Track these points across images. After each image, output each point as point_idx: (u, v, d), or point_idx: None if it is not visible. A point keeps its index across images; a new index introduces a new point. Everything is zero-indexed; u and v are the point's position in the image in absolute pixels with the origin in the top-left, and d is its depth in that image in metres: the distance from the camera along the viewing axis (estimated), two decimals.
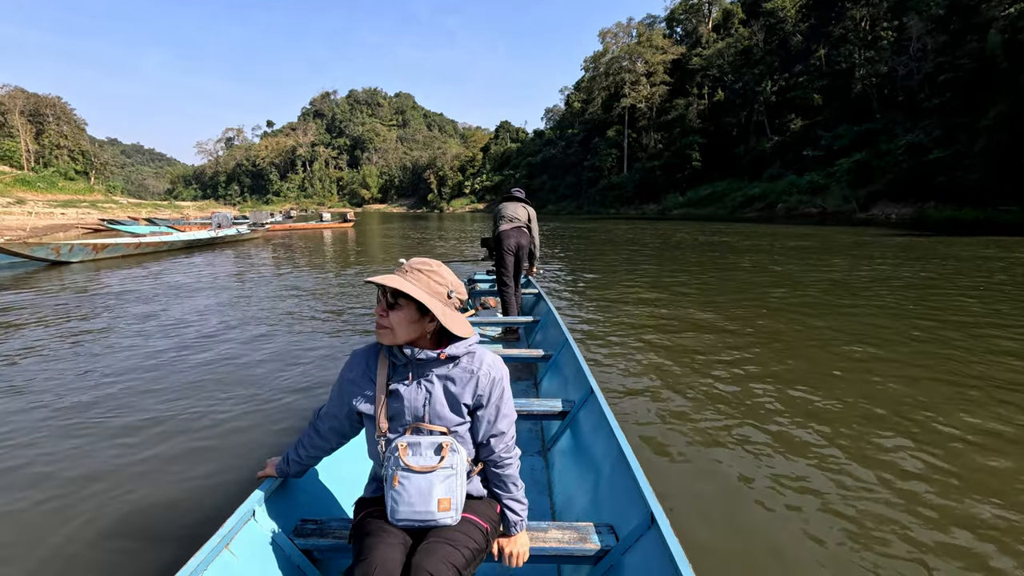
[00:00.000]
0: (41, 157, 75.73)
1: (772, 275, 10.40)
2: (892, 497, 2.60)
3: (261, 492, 1.61)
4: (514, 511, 1.53)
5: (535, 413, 2.60)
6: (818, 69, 45.61)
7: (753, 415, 3.61)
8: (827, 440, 3.23)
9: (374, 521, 1.40)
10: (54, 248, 12.74)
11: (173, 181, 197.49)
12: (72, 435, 3.36)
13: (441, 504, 1.34)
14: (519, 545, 1.54)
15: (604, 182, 64.59)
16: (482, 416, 1.46)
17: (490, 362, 1.48)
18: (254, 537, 1.52)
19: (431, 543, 1.30)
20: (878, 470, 2.86)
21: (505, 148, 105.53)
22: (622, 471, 1.82)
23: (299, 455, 1.67)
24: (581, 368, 2.83)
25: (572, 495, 2.19)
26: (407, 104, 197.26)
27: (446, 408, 1.42)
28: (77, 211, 38.15)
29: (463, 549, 1.32)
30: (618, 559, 1.57)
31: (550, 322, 4.34)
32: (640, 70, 64.46)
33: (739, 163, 49.40)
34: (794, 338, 5.66)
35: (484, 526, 1.43)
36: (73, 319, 6.75)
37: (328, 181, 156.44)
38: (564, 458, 2.51)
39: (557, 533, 1.63)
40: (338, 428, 1.59)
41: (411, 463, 1.36)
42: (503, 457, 1.49)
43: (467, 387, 1.43)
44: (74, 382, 4.36)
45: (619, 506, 1.74)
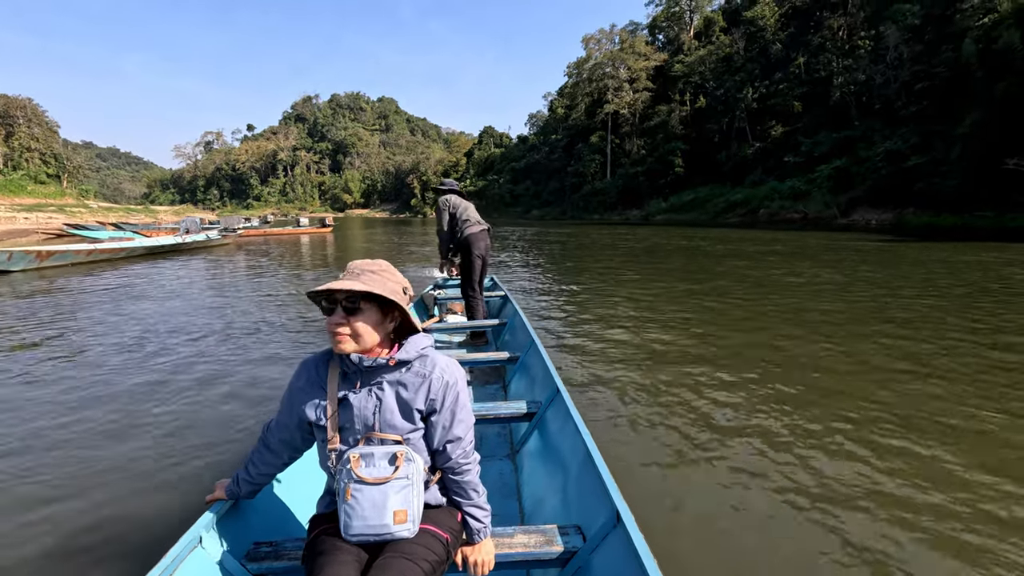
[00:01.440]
0: (10, 160, 73.52)
1: (739, 277, 10.73)
2: (862, 489, 2.69)
3: (209, 516, 1.50)
4: (476, 518, 1.46)
5: (502, 416, 2.55)
6: (798, 77, 46.22)
7: (720, 411, 3.73)
8: (793, 435, 3.34)
9: (327, 539, 1.32)
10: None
11: (150, 185, 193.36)
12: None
13: (397, 516, 1.27)
14: (483, 553, 1.47)
15: (588, 188, 64.70)
16: (436, 422, 1.40)
17: (443, 365, 1.42)
18: (201, 565, 1.41)
19: (387, 558, 1.24)
20: (844, 460, 3.00)
21: (489, 153, 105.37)
22: (589, 470, 1.78)
23: (250, 474, 1.56)
24: (548, 369, 2.79)
25: (541, 497, 2.16)
26: (390, 109, 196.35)
27: (397, 415, 1.37)
28: (44, 215, 36.89)
29: (421, 563, 1.25)
30: (586, 559, 1.54)
31: (517, 324, 4.30)
32: (623, 76, 64.84)
33: (721, 169, 49.79)
34: (760, 338, 5.81)
35: (444, 536, 1.37)
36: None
37: (310, 186, 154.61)
38: (532, 460, 2.48)
39: (523, 538, 1.59)
40: (289, 440, 1.51)
41: (364, 475, 1.29)
42: (461, 463, 1.43)
43: (419, 392, 1.38)
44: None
45: (586, 506, 1.70)
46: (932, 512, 2.47)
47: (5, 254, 11.85)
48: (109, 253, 15.13)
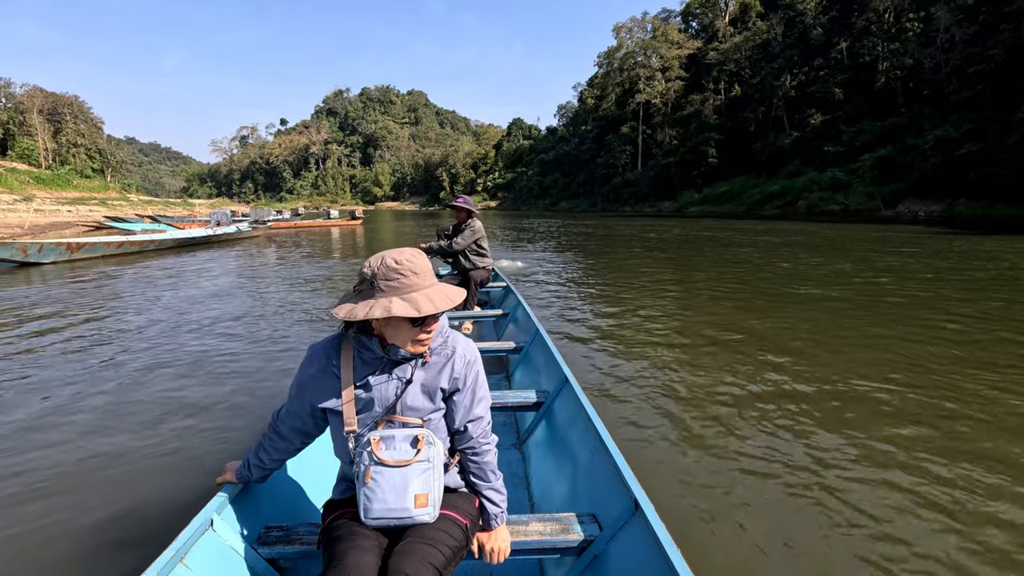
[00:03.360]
0: (58, 155, 76.70)
1: (757, 268, 10.64)
2: (883, 478, 2.65)
3: (220, 499, 1.49)
4: (494, 502, 1.45)
5: (509, 405, 2.51)
6: (839, 63, 44.32)
7: (736, 398, 3.70)
8: (812, 419, 3.33)
9: (345, 524, 1.30)
10: (20, 248, 11.65)
11: (188, 179, 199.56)
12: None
13: (418, 500, 1.25)
14: (499, 540, 1.45)
15: (618, 179, 63.77)
16: (459, 401, 1.39)
17: (464, 344, 1.42)
18: (212, 548, 1.39)
19: (408, 543, 1.22)
20: (862, 446, 2.98)
21: (518, 145, 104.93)
22: (602, 459, 1.75)
23: (260, 459, 1.54)
24: (554, 358, 2.73)
25: (550, 487, 2.14)
26: (420, 102, 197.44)
27: (420, 397, 1.35)
28: (86, 208, 38.24)
29: (443, 548, 1.24)
30: (603, 548, 1.51)
31: (520, 314, 4.23)
32: (655, 65, 63.48)
33: (757, 159, 48.31)
34: (773, 324, 5.85)
35: (463, 522, 1.35)
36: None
37: (341, 179, 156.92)
38: (540, 450, 2.45)
39: (539, 526, 1.56)
40: (301, 428, 1.47)
41: (384, 457, 1.26)
42: (481, 443, 1.42)
43: (443, 372, 1.37)
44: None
45: (601, 495, 1.68)
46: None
47: (36, 246, 11.93)
48: (139, 245, 15.23)
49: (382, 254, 1.27)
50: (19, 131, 72.15)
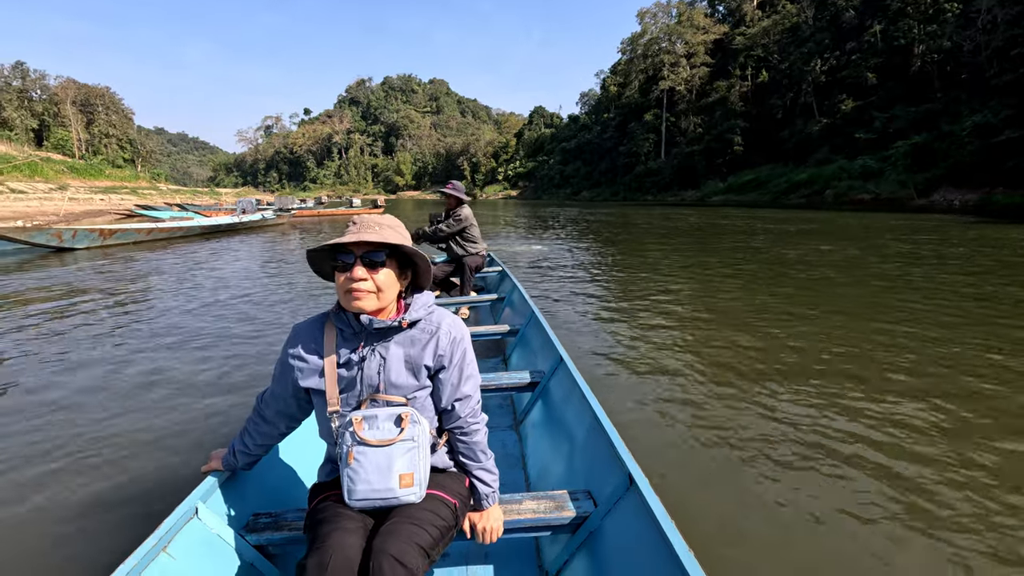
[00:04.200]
0: (91, 145, 78.75)
1: (761, 254, 10.79)
2: (881, 451, 2.73)
3: (204, 487, 1.47)
4: (485, 482, 1.42)
5: (504, 386, 2.52)
6: (873, 46, 42.80)
7: (730, 374, 3.84)
8: (803, 395, 3.45)
9: (330, 506, 1.28)
10: (55, 234, 12.11)
11: (215, 169, 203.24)
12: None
13: (403, 480, 1.22)
14: (492, 520, 1.43)
15: (640, 168, 62.95)
16: (445, 379, 1.36)
17: (450, 321, 1.39)
18: (197, 536, 1.37)
19: (393, 523, 1.20)
20: (857, 419, 3.10)
21: (539, 134, 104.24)
22: (597, 436, 1.75)
23: (246, 445, 1.51)
24: (550, 339, 2.74)
25: (547, 466, 2.14)
26: (441, 91, 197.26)
27: (403, 374, 1.32)
28: (117, 197, 39.29)
29: (429, 528, 1.21)
30: (598, 524, 1.51)
31: (516, 298, 4.28)
32: (680, 51, 62.24)
33: (784, 147, 47.13)
34: (766, 303, 6.14)
35: (452, 502, 1.33)
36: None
37: (363, 168, 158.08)
38: (537, 429, 2.45)
39: (532, 504, 1.56)
40: (285, 410, 1.44)
41: (367, 437, 1.24)
42: (470, 422, 1.39)
43: (427, 349, 1.33)
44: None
45: (596, 471, 1.68)
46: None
47: (70, 232, 12.40)
48: (168, 232, 15.70)
49: None
50: (54, 122, 74.21)
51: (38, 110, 73.12)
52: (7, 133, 61.63)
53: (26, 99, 72.54)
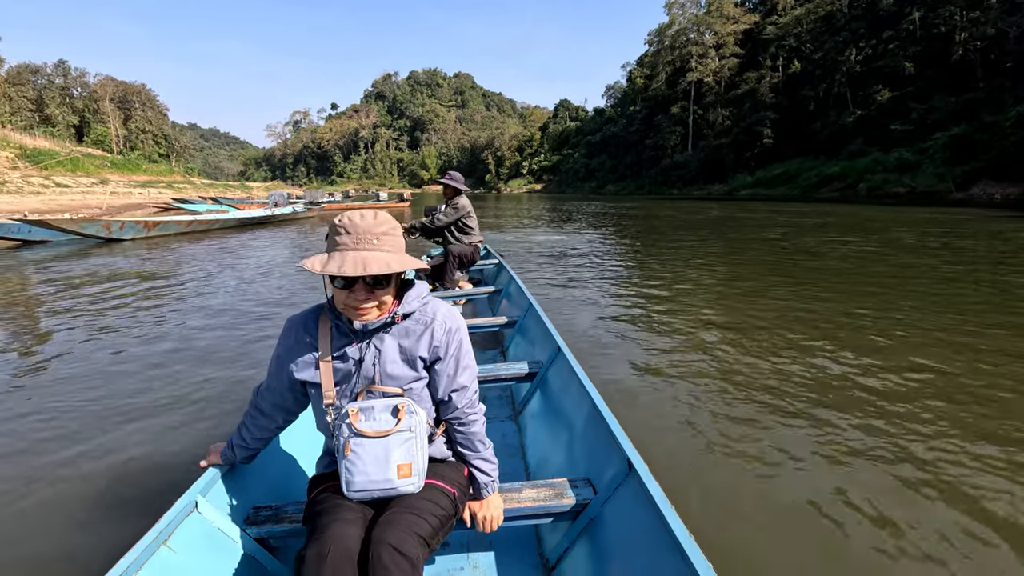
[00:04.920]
0: (128, 141, 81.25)
1: (774, 247, 10.74)
2: (878, 435, 2.78)
3: (204, 481, 1.47)
4: (484, 471, 1.43)
5: (503, 377, 2.53)
6: (911, 34, 41.36)
7: (728, 362, 3.92)
8: (801, 382, 3.50)
9: (329, 497, 1.28)
10: (104, 225, 12.92)
11: (245, 163, 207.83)
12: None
13: (401, 470, 1.22)
14: (492, 508, 1.44)
15: (667, 161, 62.14)
16: (441, 370, 1.35)
17: (445, 312, 1.37)
18: (198, 530, 1.38)
19: (393, 513, 1.19)
20: (855, 402, 3.16)
21: (564, 127, 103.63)
22: (596, 424, 1.76)
23: (243, 439, 1.51)
24: (548, 329, 2.75)
25: (546, 455, 2.14)
26: (466, 84, 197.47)
27: (399, 365, 1.31)
28: (155, 191, 40.61)
29: (429, 517, 1.21)
30: (597, 511, 1.52)
31: (513, 290, 4.30)
32: (708, 42, 61.07)
33: (815, 140, 45.93)
34: (761, 287, 6.38)
35: (451, 491, 1.33)
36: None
37: (389, 162, 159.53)
38: (535, 419, 2.46)
39: (532, 492, 1.56)
40: (281, 403, 1.44)
41: (364, 428, 1.23)
42: (467, 413, 1.39)
43: (422, 340, 1.32)
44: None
45: (595, 459, 1.69)
46: None
47: (118, 223, 13.25)
48: (206, 224, 16.48)
49: (351, 210, 1.25)
50: (93, 119, 76.71)
51: (79, 107, 75.73)
52: (50, 129, 64.02)
53: (67, 96, 75.17)
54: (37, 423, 3.10)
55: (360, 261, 1.16)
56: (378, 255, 1.19)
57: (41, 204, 25.88)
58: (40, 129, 61.62)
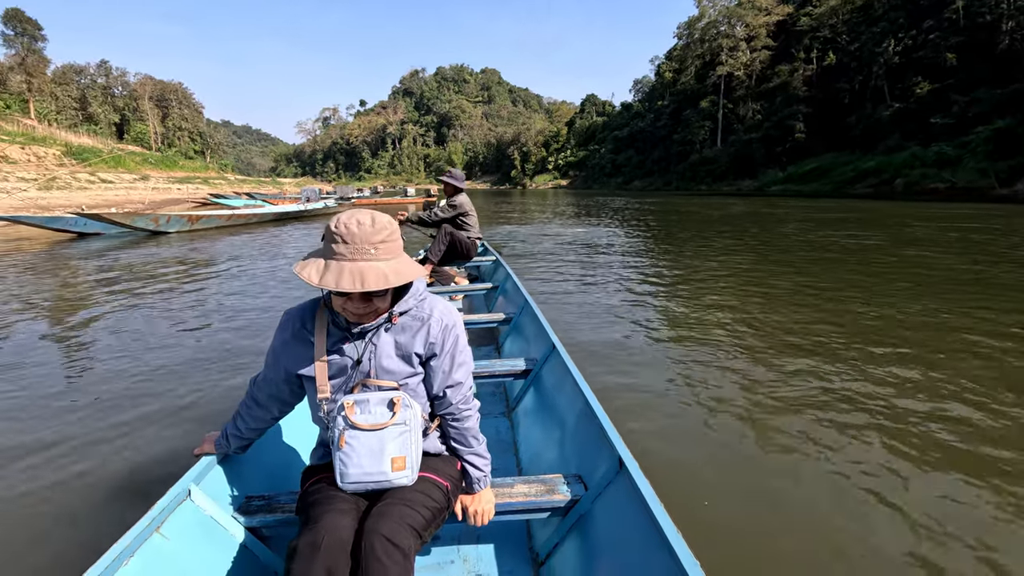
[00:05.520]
0: (166, 138, 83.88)
1: (785, 241, 10.57)
2: (873, 430, 2.82)
3: (197, 470, 1.48)
4: (476, 467, 1.44)
5: (497, 373, 2.54)
6: (954, 24, 39.87)
7: (724, 358, 3.97)
8: (794, 376, 3.56)
9: (323, 488, 1.28)
10: (153, 219, 13.77)
11: (276, 159, 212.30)
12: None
13: (395, 463, 1.23)
14: (483, 502, 1.45)
15: (695, 156, 61.32)
16: (436, 367, 1.36)
17: (442, 309, 1.38)
18: (190, 518, 1.39)
19: (386, 504, 1.20)
20: (847, 395, 3.23)
21: (591, 122, 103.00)
22: (588, 421, 1.77)
23: (238, 428, 1.52)
24: (543, 327, 2.76)
25: (539, 451, 2.15)
26: (493, 80, 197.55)
27: (394, 360, 1.32)
28: (192, 186, 41.98)
29: (421, 509, 1.21)
30: (588, 507, 1.53)
31: (509, 286, 4.30)
32: (739, 34, 59.96)
33: (850, 134, 44.72)
34: (769, 291, 6.29)
35: (444, 484, 1.34)
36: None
37: (415, 158, 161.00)
38: (529, 416, 2.47)
39: (524, 487, 1.57)
40: (277, 395, 1.45)
41: (359, 421, 1.24)
42: (461, 409, 1.40)
43: (418, 336, 1.33)
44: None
45: (587, 456, 1.70)
46: None
47: (165, 217, 14.09)
48: (244, 218, 17.37)
49: (347, 212, 1.23)
50: (133, 116, 79.40)
51: (119, 105, 78.48)
52: (93, 127, 66.57)
53: (109, 95, 77.96)
54: (66, 400, 3.31)
55: (358, 274, 1.15)
56: (376, 266, 1.17)
57: (88, 199, 27.11)
58: (84, 127, 64.16)
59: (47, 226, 13.30)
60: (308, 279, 1.16)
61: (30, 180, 29.69)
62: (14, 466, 2.58)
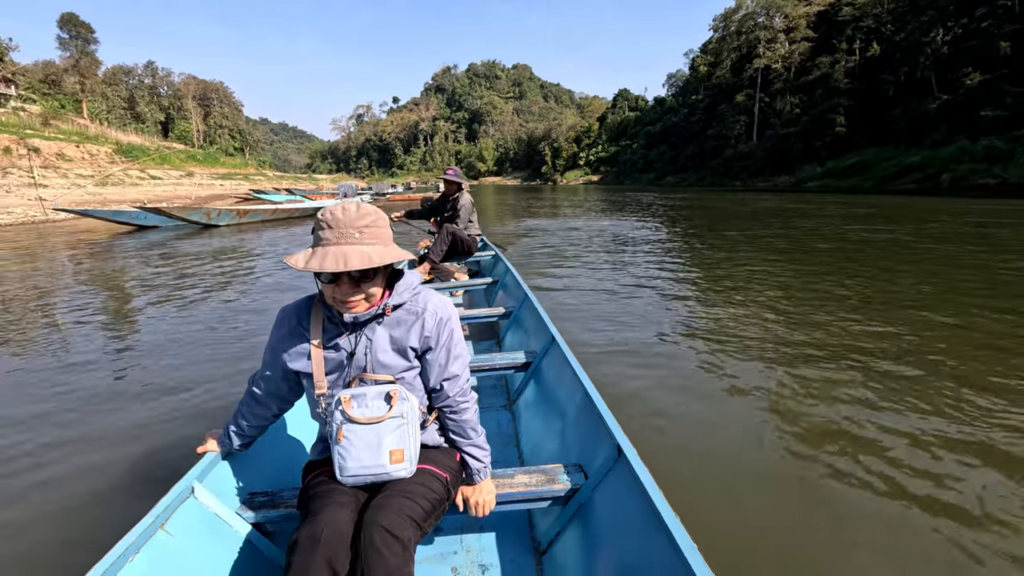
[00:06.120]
0: (207, 136, 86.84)
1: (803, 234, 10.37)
2: (866, 419, 2.87)
3: (200, 468, 1.50)
4: (476, 458, 1.45)
5: (498, 366, 2.58)
6: (1008, 11, 37.99)
7: (719, 347, 4.11)
8: (789, 367, 3.63)
9: (323, 482, 1.31)
10: (206, 212, 14.93)
11: (312, 156, 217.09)
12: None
13: (393, 456, 1.25)
14: (484, 493, 1.47)
15: (730, 152, 60.16)
16: (432, 360, 1.37)
17: (436, 302, 1.38)
18: (194, 515, 1.42)
19: (385, 496, 1.22)
20: (840, 386, 3.28)
21: (623, 117, 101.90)
22: (588, 411, 1.79)
23: (239, 426, 1.53)
24: (542, 320, 2.79)
25: (539, 442, 2.18)
26: (524, 75, 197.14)
27: (390, 354, 1.33)
28: (234, 182, 43.59)
29: (421, 501, 1.23)
30: (588, 496, 1.55)
31: (509, 281, 4.34)
32: (778, 26, 58.46)
33: (894, 127, 43.18)
34: (775, 283, 6.36)
35: (443, 476, 1.36)
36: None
37: (447, 154, 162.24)
38: (530, 408, 2.49)
39: (524, 478, 1.60)
40: (276, 392, 1.47)
41: (356, 415, 1.26)
42: (459, 401, 1.41)
43: (413, 330, 1.34)
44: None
45: (587, 445, 1.72)
46: None
47: (216, 211, 15.17)
48: (287, 212, 18.39)
49: (335, 203, 1.34)
50: (177, 115, 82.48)
51: (164, 104, 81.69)
52: (140, 126, 69.49)
53: (155, 95, 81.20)
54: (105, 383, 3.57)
55: (341, 256, 1.16)
56: (360, 249, 1.18)
57: (140, 195, 28.59)
58: (132, 126, 67.05)
59: (113, 219, 14.51)
60: (295, 264, 1.18)
61: (87, 177, 31.43)
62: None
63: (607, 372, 3.60)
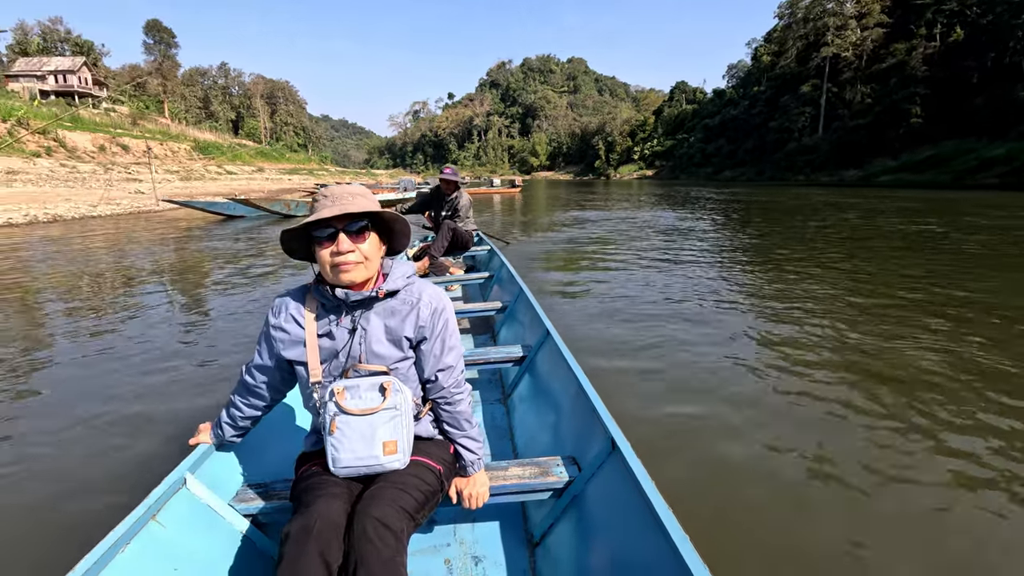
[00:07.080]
0: (274, 133, 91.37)
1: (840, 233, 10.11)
2: (858, 410, 2.89)
3: (192, 459, 1.49)
4: (469, 449, 1.44)
5: (493, 360, 2.61)
6: None
7: (713, 339, 4.18)
8: (783, 360, 3.66)
9: (315, 474, 1.30)
10: (285, 204, 16.62)
11: (369, 152, 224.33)
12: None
13: (387, 447, 1.24)
14: (478, 486, 1.46)
15: (792, 145, 58.01)
16: (427, 351, 1.36)
17: (431, 293, 1.38)
18: (186, 506, 1.40)
19: (378, 488, 1.20)
20: (828, 373, 3.35)
21: (680, 111, 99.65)
22: (581, 404, 1.80)
23: (232, 417, 1.52)
24: (537, 314, 2.80)
25: (534, 435, 2.19)
26: (579, 69, 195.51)
27: (384, 344, 1.32)
28: (300, 177, 46.14)
29: (414, 492, 1.22)
30: (581, 488, 1.55)
31: (504, 276, 4.34)
32: (849, 11, 55.74)
33: (976, 118, 40.42)
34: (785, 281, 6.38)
35: (437, 468, 1.34)
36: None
37: (500, 149, 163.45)
38: (524, 401, 2.50)
39: (518, 470, 1.60)
40: (269, 381, 1.46)
41: (350, 406, 1.25)
42: (453, 392, 1.40)
43: (407, 320, 1.33)
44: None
45: (580, 438, 1.73)
46: None
47: (294, 202, 16.87)
48: None
49: None
50: (247, 114, 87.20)
51: (235, 103, 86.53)
52: (213, 124, 74.04)
53: (227, 95, 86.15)
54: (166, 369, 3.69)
55: (337, 208, 1.21)
56: (359, 204, 1.24)
57: (220, 188, 30.92)
58: (206, 124, 71.50)
59: (208, 209, 16.31)
60: (291, 226, 1.28)
61: (173, 172, 34.29)
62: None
63: (602, 365, 3.63)
